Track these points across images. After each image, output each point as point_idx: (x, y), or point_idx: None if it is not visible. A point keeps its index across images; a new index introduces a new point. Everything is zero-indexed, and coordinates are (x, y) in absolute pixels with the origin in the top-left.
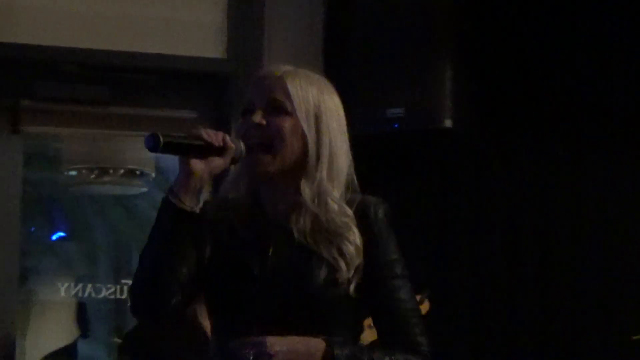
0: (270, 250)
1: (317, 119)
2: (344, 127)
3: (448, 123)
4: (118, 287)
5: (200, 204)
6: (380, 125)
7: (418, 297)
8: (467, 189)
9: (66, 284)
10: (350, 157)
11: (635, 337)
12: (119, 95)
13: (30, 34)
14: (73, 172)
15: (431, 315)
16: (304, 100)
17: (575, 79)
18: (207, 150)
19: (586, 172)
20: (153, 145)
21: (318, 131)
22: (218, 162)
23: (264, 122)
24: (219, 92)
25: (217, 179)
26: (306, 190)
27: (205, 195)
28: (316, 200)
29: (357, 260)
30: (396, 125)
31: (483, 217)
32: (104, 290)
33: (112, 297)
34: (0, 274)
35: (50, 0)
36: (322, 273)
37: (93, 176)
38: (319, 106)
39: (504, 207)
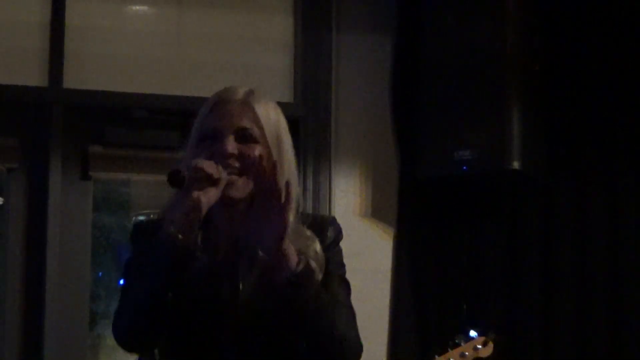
0: (240, 274)
1: (280, 142)
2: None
3: (516, 165)
4: None
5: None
6: (449, 168)
7: (482, 339)
8: (537, 231)
9: None
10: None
11: None
12: (188, 140)
13: (100, 80)
14: (141, 217)
15: (495, 358)
16: (270, 123)
17: None
18: (206, 182)
19: None
20: (178, 181)
21: (280, 155)
22: (213, 193)
23: (236, 152)
24: None
25: None
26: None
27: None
28: (254, 230)
29: (321, 274)
30: (465, 168)
31: (553, 260)
32: None
33: None
34: (72, 318)
35: (119, 47)
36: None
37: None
38: (279, 129)
39: (574, 251)
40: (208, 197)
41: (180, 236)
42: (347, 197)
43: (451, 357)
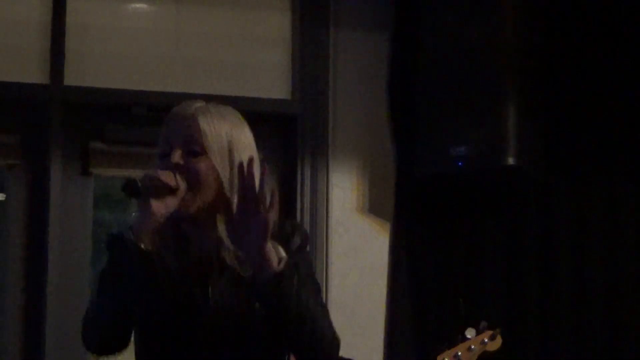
0: (210, 280)
1: (230, 154)
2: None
3: (512, 161)
4: None
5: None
6: (445, 164)
7: (490, 333)
8: (534, 227)
9: None
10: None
11: None
12: None
13: (100, 77)
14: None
15: (502, 352)
16: (216, 137)
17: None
18: (164, 191)
19: None
20: (134, 191)
21: (232, 167)
22: (172, 202)
23: (182, 163)
24: (285, 132)
25: None
26: (221, 227)
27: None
28: (232, 235)
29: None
30: (460, 164)
31: (550, 256)
32: None
33: None
34: (72, 312)
35: (119, 45)
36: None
37: None
38: (231, 141)
39: (571, 247)
40: (166, 205)
41: (141, 244)
42: (344, 192)
43: (459, 351)
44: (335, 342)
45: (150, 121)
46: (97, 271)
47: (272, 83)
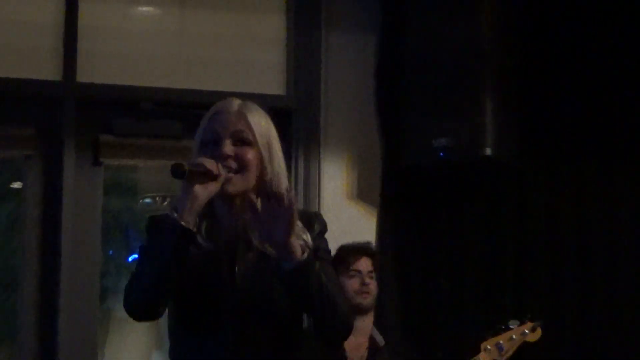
0: (237, 258)
1: (270, 146)
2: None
3: (489, 151)
4: None
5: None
6: (427, 154)
7: (531, 325)
8: (509, 212)
9: None
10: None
11: None
12: (190, 130)
13: (110, 74)
14: (148, 200)
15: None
16: (261, 130)
17: (610, 105)
18: (206, 177)
19: (623, 195)
20: (180, 174)
21: (271, 157)
22: (213, 187)
23: (232, 154)
24: (280, 125)
25: None
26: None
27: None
28: (260, 230)
29: (297, 243)
30: (442, 154)
31: (524, 239)
32: None
33: None
34: (83, 293)
35: (127, 44)
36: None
37: (165, 203)
38: (269, 135)
39: (544, 230)
40: (208, 190)
41: (182, 222)
42: (335, 181)
43: (501, 340)
44: (350, 313)
45: (156, 115)
46: (107, 253)
47: (268, 80)
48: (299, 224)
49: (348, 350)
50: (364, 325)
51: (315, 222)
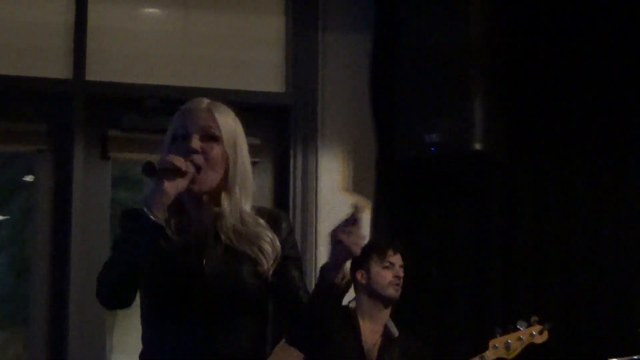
0: (205, 250)
1: (235, 145)
2: (248, 151)
3: (479, 146)
4: None
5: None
6: (419, 149)
7: (540, 328)
8: (498, 205)
9: None
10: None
11: None
12: None
13: (117, 73)
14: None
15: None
16: (228, 129)
17: (595, 101)
18: (175, 174)
19: (608, 188)
20: (150, 171)
21: (235, 155)
22: (182, 183)
23: (199, 149)
24: (279, 121)
25: None
26: (225, 204)
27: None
28: (232, 211)
29: (273, 255)
30: (433, 149)
31: (512, 231)
32: None
33: None
34: (92, 282)
35: (134, 44)
36: (247, 267)
37: None
38: (235, 134)
39: (530, 219)
40: (176, 186)
41: (152, 217)
42: (332, 174)
43: (509, 339)
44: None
45: (161, 111)
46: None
47: (268, 78)
48: (261, 221)
49: (364, 335)
50: (382, 315)
51: (283, 221)
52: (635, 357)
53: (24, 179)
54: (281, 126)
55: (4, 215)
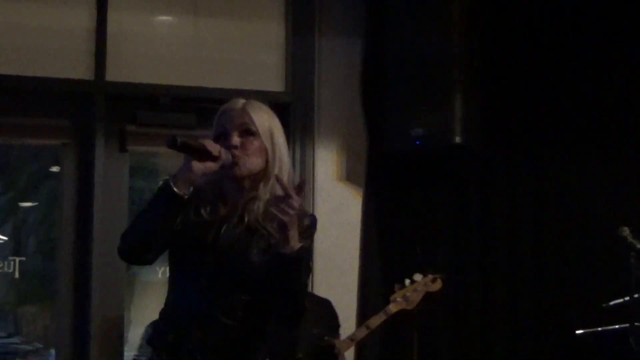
0: (224, 227)
1: (272, 136)
2: (286, 143)
3: (458, 139)
4: None
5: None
6: (406, 142)
7: (431, 277)
8: (476, 192)
9: (162, 268)
10: (291, 164)
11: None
12: (203, 121)
13: (135, 74)
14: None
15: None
16: (263, 123)
17: (572, 95)
18: (206, 156)
19: (575, 178)
20: (172, 143)
21: (273, 146)
22: (211, 166)
23: (238, 144)
24: (279, 117)
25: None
26: (261, 188)
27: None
28: (268, 196)
29: (296, 236)
30: (418, 142)
31: (488, 216)
32: None
33: None
34: (112, 262)
35: (150, 47)
36: (259, 245)
37: None
38: (271, 127)
39: (506, 207)
40: (204, 166)
41: (175, 188)
42: (327, 165)
43: (407, 292)
44: (303, 306)
45: (173, 108)
46: None
47: (269, 78)
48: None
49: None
50: None
51: (306, 218)
52: (600, 328)
53: (51, 169)
54: (281, 121)
55: (33, 202)
